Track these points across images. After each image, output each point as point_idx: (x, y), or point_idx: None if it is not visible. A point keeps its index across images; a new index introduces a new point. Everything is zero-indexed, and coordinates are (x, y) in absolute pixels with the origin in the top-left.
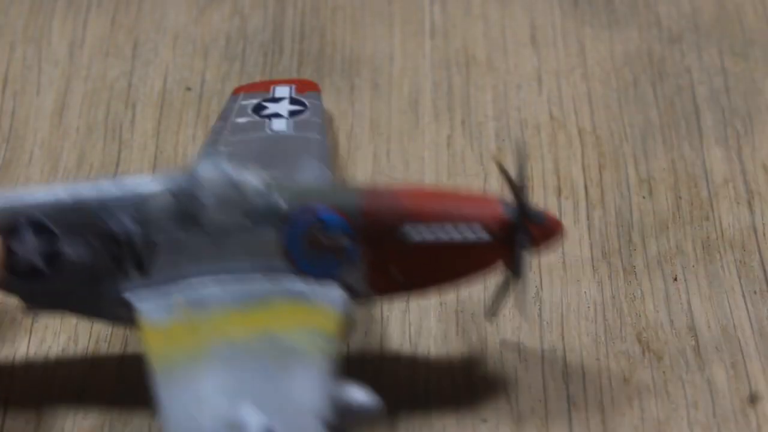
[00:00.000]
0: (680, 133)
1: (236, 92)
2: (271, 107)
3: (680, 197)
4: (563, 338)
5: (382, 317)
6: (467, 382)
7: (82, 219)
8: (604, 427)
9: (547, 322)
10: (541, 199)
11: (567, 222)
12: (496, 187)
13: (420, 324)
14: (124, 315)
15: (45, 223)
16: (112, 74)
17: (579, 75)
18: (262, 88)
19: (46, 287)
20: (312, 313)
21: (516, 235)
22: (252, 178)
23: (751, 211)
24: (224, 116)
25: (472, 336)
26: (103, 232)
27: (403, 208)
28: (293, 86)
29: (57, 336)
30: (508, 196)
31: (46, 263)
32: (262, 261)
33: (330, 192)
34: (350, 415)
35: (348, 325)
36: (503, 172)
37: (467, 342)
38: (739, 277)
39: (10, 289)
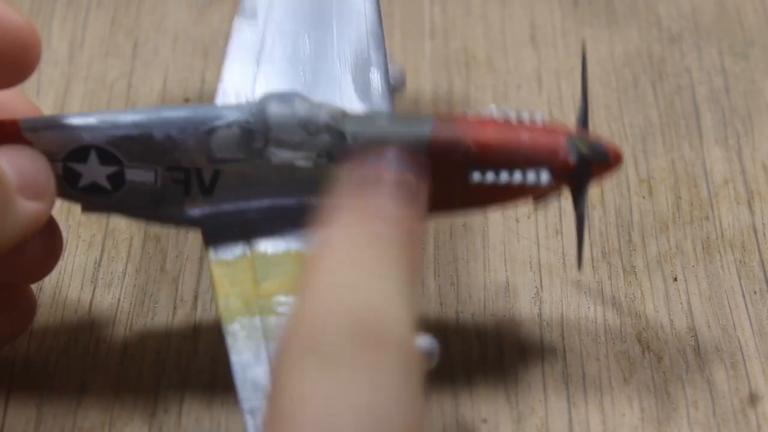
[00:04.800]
0: (680, 133)
1: None
2: None
3: (680, 197)
4: (563, 338)
5: None
6: (467, 382)
7: (148, 149)
8: (604, 427)
9: (547, 322)
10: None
11: (567, 222)
12: None
13: (420, 324)
14: (186, 222)
15: (111, 151)
16: (112, 74)
17: (579, 75)
18: None
19: (109, 201)
20: None
21: (579, 176)
22: (322, 116)
23: (751, 211)
24: None
25: (472, 336)
26: (169, 161)
27: (470, 148)
28: None
29: (57, 336)
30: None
31: (110, 184)
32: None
33: (399, 124)
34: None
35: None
36: (584, 88)
37: (467, 342)
38: (739, 277)
39: (71, 198)
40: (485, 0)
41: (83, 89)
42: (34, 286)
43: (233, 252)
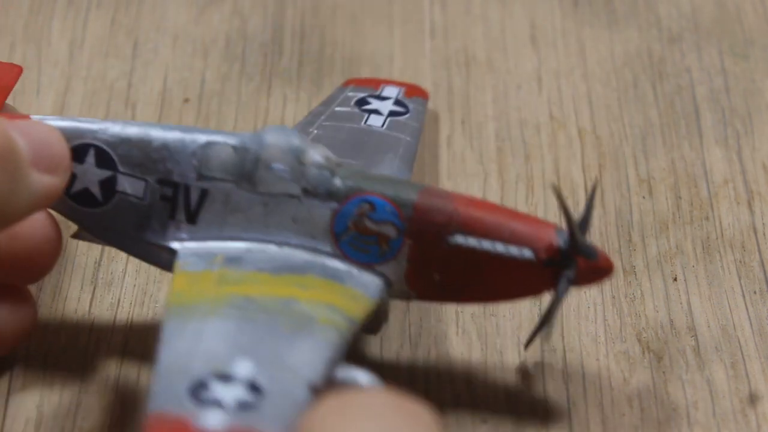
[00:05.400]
0: (680, 133)
1: (346, 84)
2: (374, 104)
3: (680, 197)
4: (563, 338)
5: None
6: (467, 382)
7: (143, 156)
8: (604, 427)
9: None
10: (541, 198)
11: None
12: (497, 190)
13: (420, 324)
14: (164, 260)
15: (109, 153)
16: (112, 74)
17: (579, 75)
18: (372, 85)
19: (97, 216)
20: (342, 292)
21: (562, 263)
22: (316, 154)
23: (751, 211)
24: (327, 102)
25: (472, 336)
26: (161, 172)
27: (455, 212)
28: (403, 89)
29: (57, 335)
30: (564, 224)
31: (101, 192)
32: (307, 237)
33: (388, 183)
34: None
35: (378, 314)
36: (560, 199)
37: (467, 342)
38: (739, 277)
39: (64, 210)
40: (485, 0)
41: (83, 89)
42: (34, 287)
43: (198, 267)
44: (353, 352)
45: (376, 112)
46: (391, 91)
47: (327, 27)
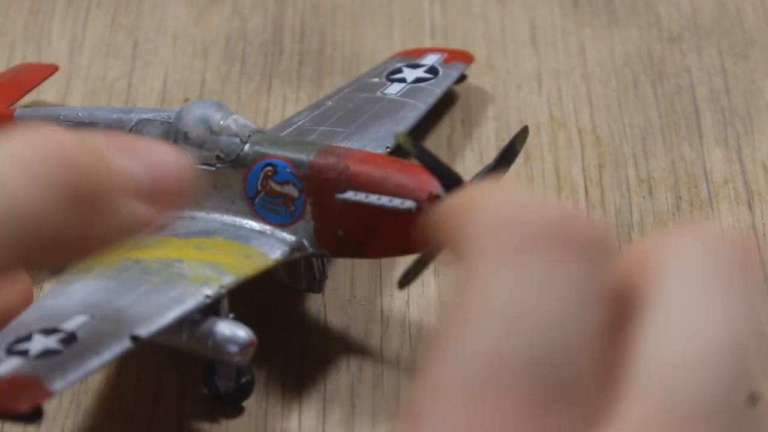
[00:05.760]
0: (680, 133)
1: (394, 56)
2: (405, 72)
3: (680, 197)
4: None
5: (382, 317)
6: None
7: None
8: None
9: None
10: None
11: None
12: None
13: (420, 324)
14: None
15: None
16: (112, 74)
17: (579, 75)
18: (416, 54)
19: None
20: (238, 252)
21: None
22: (231, 124)
23: (751, 211)
24: (365, 73)
25: None
26: None
27: (346, 169)
28: (444, 55)
29: None
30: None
31: None
32: (228, 202)
33: (293, 146)
34: (215, 345)
35: (308, 273)
36: (417, 148)
37: None
38: None
39: None
40: (485, 0)
41: (83, 89)
42: (34, 287)
43: None
44: (354, 342)
45: (401, 80)
46: (431, 59)
47: (327, 27)
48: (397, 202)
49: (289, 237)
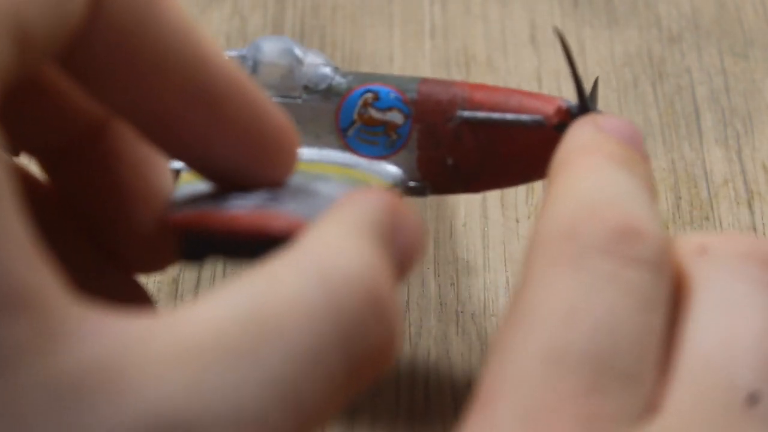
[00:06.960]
0: (680, 133)
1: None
2: None
3: (680, 197)
4: None
5: None
6: (467, 382)
7: None
8: None
9: None
10: (541, 199)
11: None
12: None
13: (420, 324)
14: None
15: None
16: None
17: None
18: None
19: None
20: (359, 175)
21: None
22: (316, 56)
23: (751, 211)
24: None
25: (472, 336)
26: None
27: (460, 91)
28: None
29: None
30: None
31: None
32: (313, 137)
33: (389, 76)
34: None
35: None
36: (566, 50)
37: (467, 342)
38: None
39: None
40: (485, 0)
41: None
42: None
43: None
44: None
45: None
46: None
47: (327, 27)
48: (525, 118)
49: (392, 168)
